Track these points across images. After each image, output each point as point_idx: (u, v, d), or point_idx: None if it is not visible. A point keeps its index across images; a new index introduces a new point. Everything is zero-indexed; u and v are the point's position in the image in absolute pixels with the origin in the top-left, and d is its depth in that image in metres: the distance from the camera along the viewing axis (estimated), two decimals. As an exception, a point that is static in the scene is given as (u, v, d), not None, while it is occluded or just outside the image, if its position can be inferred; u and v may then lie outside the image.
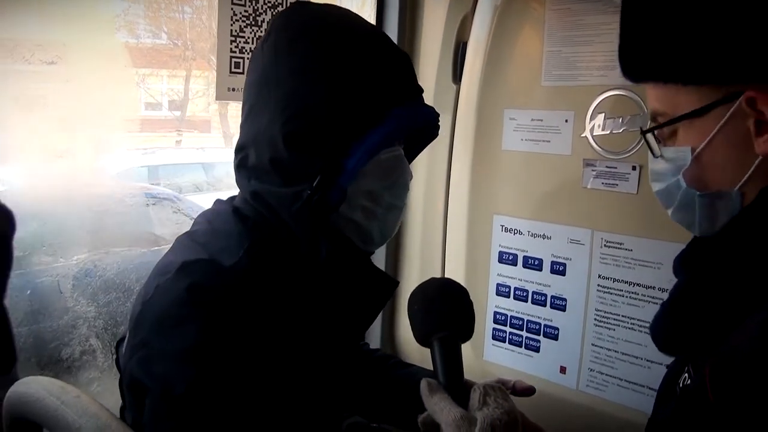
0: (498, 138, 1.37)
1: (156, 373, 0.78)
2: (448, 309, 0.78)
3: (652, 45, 0.69)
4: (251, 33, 1.21)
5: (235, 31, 1.19)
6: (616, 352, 1.24)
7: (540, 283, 1.34)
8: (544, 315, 1.33)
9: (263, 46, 0.88)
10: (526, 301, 1.36)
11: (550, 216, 1.32)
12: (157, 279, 0.83)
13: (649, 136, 0.72)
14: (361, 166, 0.84)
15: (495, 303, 1.40)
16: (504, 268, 1.39)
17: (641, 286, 1.20)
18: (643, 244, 1.19)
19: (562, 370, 1.31)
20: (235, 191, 0.93)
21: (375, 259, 0.99)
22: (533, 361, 1.35)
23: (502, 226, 1.38)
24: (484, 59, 1.37)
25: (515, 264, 1.37)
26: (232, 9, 1.19)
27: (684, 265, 0.73)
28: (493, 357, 1.41)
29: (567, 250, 1.29)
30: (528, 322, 1.36)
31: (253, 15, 1.21)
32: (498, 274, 1.40)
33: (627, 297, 1.22)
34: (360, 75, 0.85)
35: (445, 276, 1.47)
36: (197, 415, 0.76)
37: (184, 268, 0.81)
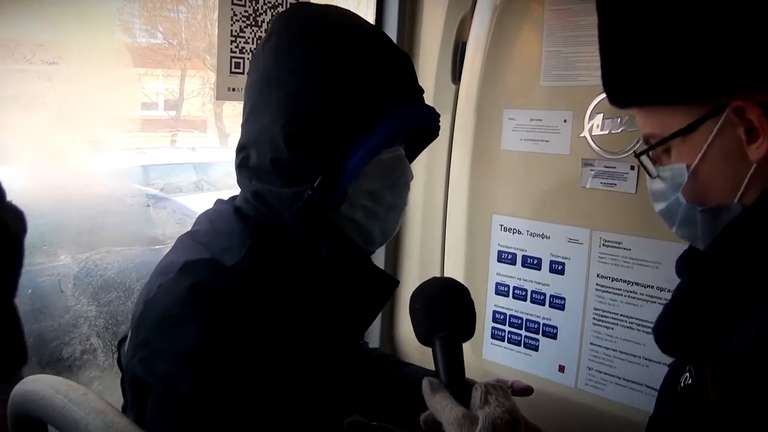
0: (497, 138, 1.37)
1: (158, 373, 0.78)
2: (450, 309, 0.79)
3: (633, 71, 0.70)
4: (251, 33, 1.21)
5: (236, 31, 1.19)
6: (614, 350, 1.24)
7: (539, 283, 1.34)
8: (543, 314, 1.34)
9: (264, 47, 0.89)
10: (525, 300, 1.36)
11: (549, 215, 1.32)
12: (159, 278, 0.83)
13: (644, 158, 0.73)
14: (362, 166, 0.85)
15: (494, 302, 1.41)
16: (503, 268, 1.39)
17: (640, 285, 1.21)
18: (642, 243, 1.20)
19: (561, 368, 1.31)
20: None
21: (375, 259, 0.99)
22: (532, 360, 1.36)
23: (501, 225, 1.39)
24: (483, 59, 1.37)
25: (514, 263, 1.37)
26: (232, 9, 1.19)
27: (687, 266, 0.74)
28: (492, 356, 1.41)
29: (566, 250, 1.30)
30: (527, 321, 1.36)
31: (253, 15, 1.21)
32: (497, 274, 1.40)
33: (625, 296, 1.22)
34: (361, 75, 0.85)
35: (444, 274, 1.47)
36: (200, 413, 0.76)
37: (187, 267, 0.81)
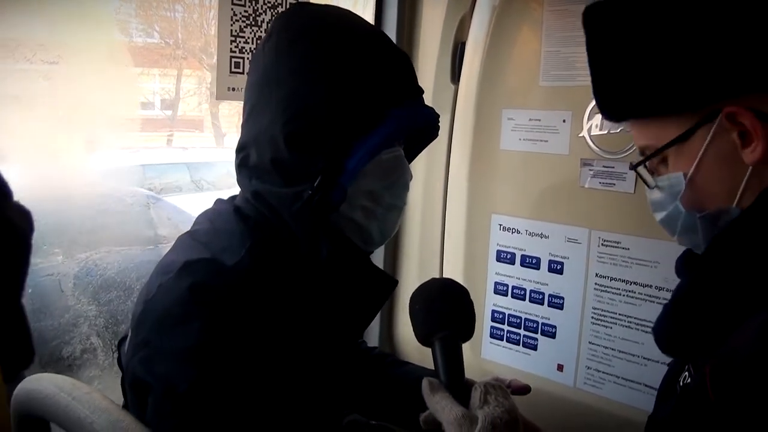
0: (496, 137, 1.37)
1: (158, 372, 0.78)
2: (450, 309, 0.79)
3: (624, 86, 0.70)
4: (251, 33, 1.22)
5: (235, 31, 1.19)
6: (613, 349, 1.25)
7: (538, 282, 1.34)
8: (541, 313, 1.34)
9: (264, 47, 0.89)
10: (524, 299, 1.37)
11: (547, 215, 1.32)
12: (160, 278, 0.83)
13: (641, 169, 0.73)
14: (361, 167, 0.85)
15: (493, 301, 1.41)
16: (502, 267, 1.40)
17: (638, 285, 1.21)
18: (640, 243, 1.20)
19: (560, 367, 1.32)
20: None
21: (374, 259, 1.00)
22: (531, 359, 1.36)
23: (500, 225, 1.39)
24: (482, 59, 1.37)
25: (513, 263, 1.38)
26: (232, 9, 1.19)
27: (686, 266, 0.74)
28: (490, 355, 1.42)
29: (564, 249, 1.30)
30: (526, 320, 1.37)
31: (253, 15, 1.22)
32: (496, 273, 1.40)
33: (624, 295, 1.23)
34: (361, 75, 0.85)
35: (444, 274, 1.48)
36: (200, 413, 0.77)
37: (187, 267, 0.81)
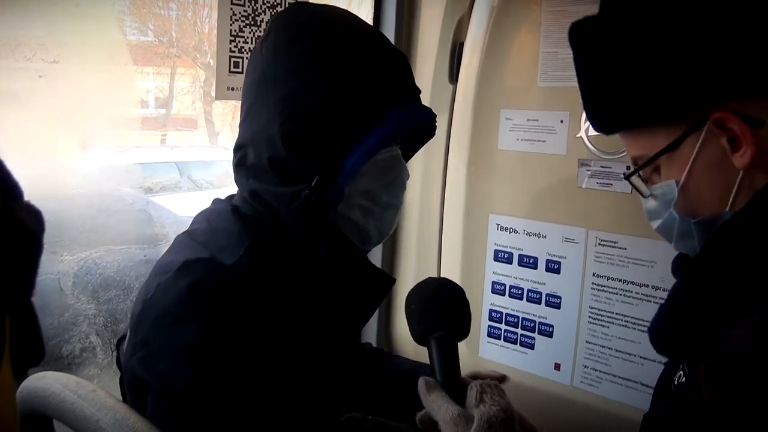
0: (494, 138, 1.38)
1: (158, 372, 0.78)
2: (446, 309, 0.80)
3: (612, 99, 0.71)
4: (250, 33, 1.22)
5: (235, 30, 1.20)
6: (609, 349, 1.25)
7: (535, 281, 1.35)
8: (539, 312, 1.35)
9: (262, 46, 0.89)
10: (521, 298, 1.37)
11: (545, 215, 1.33)
12: (158, 278, 0.83)
13: (635, 179, 0.74)
14: (359, 166, 0.85)
15: (490, 301, 1.42)
16: (499, 266, 1.40)
17: (635, 284, 1.22)
18: (637, 242, 1.21)
19: (557, 366, 1.32)
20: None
21: (371, 257, 1.00)
22: (528, 358, 1.37)
23: (498, 224, 1.40)
24: (480, 60, 1.38)
25: (510, 262, 1.38)
26: (232, 9, 1.19)
27: (683, 266, 0.75)
28: (488, 354, 1.42)
29: (562, 249, 1.31)
30: (523, 319, 1.37)
31: (252, 15, 1.22)
32: (493, 272, 1.41)
33: (621, 295, 1.23)
34: (358, 75, 0.85)
35: (441, 273, 1.48)
36: (200, 411, 0.77)
37: (185, 266, 0.82)
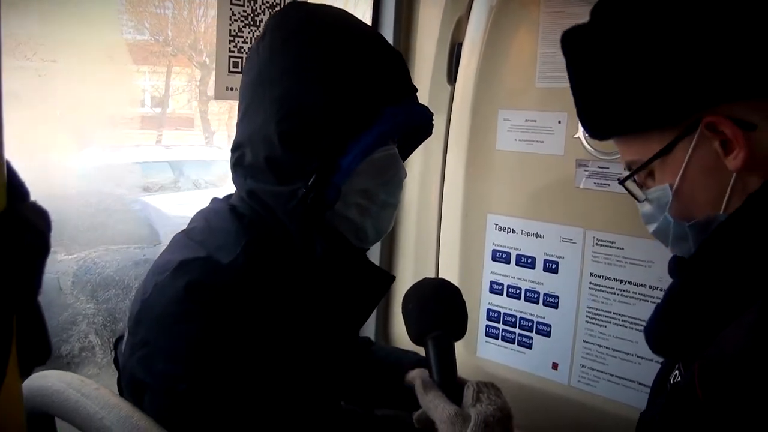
0: (492, 138, 1.38)
1: (157, 371, 0.79)
2: (443, 309, 0.80)
3: (605, 106, 0.72)
4: (250, 33, 1.22)
5: (234, 30, 1.20)
6: (607, 348, 1.26)
7: (533, 281, 1.35)
8: (536, 312, 1.35)
9: (259, 46, 0.89)
10: (519, 298, 1.37)
11: (543, 215, 1.33)
12: (156, 277, 0.83)
13: (629, 183, 0.75)
14: (356, 165, 0.85)
15: (488, 300, 1.42)
16: (497, 266, 1.40)
17: (632, 284, 1.22)
18: (635, 242, 1.21)
19: (554, 366, 1.32)
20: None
21: (370, 257, 1.00)
22: (526, 358, 1.37)
23: (496, 224, 1.40)
24: (479, 60, 1.38)
25: (508, 262, 1.39)
26: (231, 9, 1.20)
27: (679, 267, 0.75)
28: (486, 354, 1.43)
29: (560, 249, 1.31)
30: (521, 319, 1.37)
31: (251, 15, 1.22)
32: (491, 272, 1.41)
33: (618, 294, 1.24)
34: (355, 74, 0.85)
35: (439, 273, 1.49)
36: (200, 410, 0.77)
37: (183, 266, 0.82)
